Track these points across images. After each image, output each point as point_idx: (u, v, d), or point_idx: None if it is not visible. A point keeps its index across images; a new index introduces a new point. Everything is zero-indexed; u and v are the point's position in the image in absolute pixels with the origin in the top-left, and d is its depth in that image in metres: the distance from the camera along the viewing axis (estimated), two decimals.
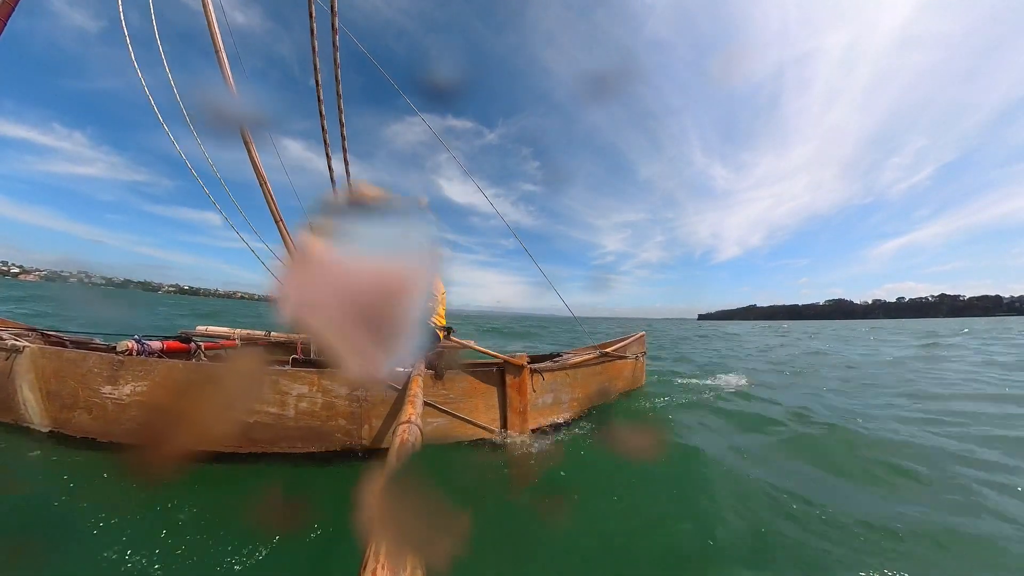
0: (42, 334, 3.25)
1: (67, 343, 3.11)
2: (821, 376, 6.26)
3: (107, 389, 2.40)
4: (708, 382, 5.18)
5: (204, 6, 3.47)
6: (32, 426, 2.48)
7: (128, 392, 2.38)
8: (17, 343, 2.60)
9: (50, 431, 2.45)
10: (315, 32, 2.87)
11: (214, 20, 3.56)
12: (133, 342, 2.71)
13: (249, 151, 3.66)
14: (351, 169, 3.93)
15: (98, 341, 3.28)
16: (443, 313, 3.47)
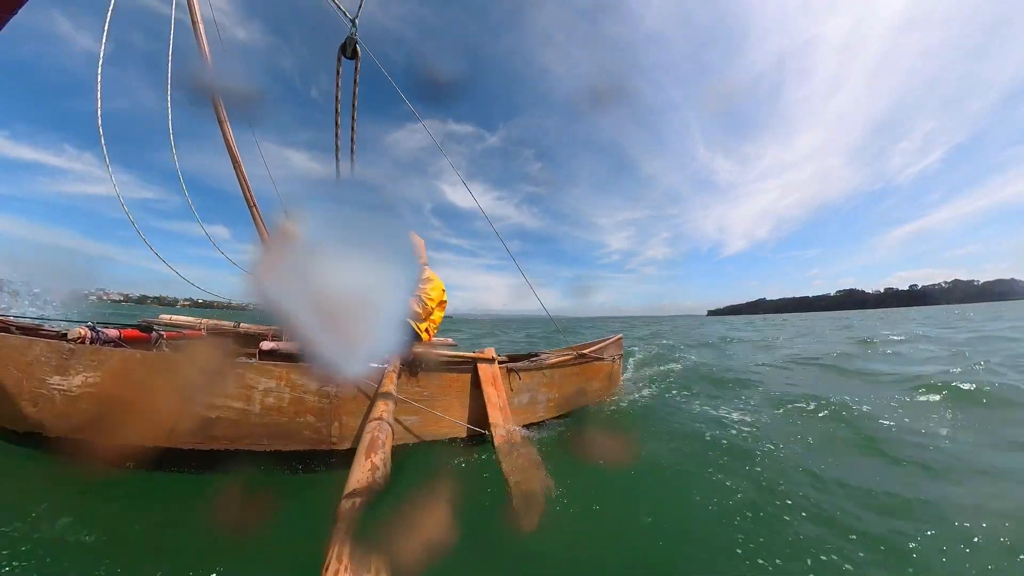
0: None
1: (12, 328, 2.90)
2: None
3: (55, 379, 2.24)
4: None
5: None
6: None
7: (79, 383, 2.23)
8: None
9: None
10: (339, 85, 2.79)
11: None
12: (86, 329, 2.54)
13: (221, 126, 3.49)
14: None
15: (48, 327, 3.07)
16: (432, 307, 3.32)
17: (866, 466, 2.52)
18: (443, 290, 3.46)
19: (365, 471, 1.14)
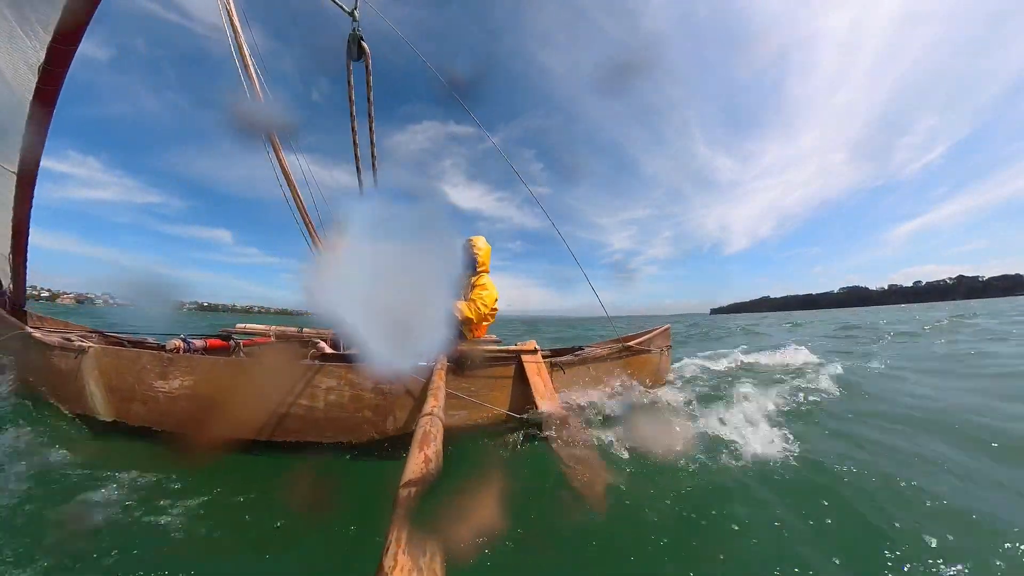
0: (103, 335, 3.56)
1: (125, 343, 3.39)
2: None
3: (159, 383, 2.61)
4: None
5: (229, 16, 3.62)
6: (98, 416, 2.74)
7: (177, 386, 2.59)
8: (83, 344, 2.87)
9: (113, 420, 2.70)
10: (352, 84, 2.91)
11: (240, 31, 3.72)
12: (180, 341, 2.92)
13: (277, 154, 3.83)
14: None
15: (150, 340, 3.55)
16: (485, 313, 3.37)
17: None
18: (496, 299, 3.52)
19: (419, 463, 1.23)
